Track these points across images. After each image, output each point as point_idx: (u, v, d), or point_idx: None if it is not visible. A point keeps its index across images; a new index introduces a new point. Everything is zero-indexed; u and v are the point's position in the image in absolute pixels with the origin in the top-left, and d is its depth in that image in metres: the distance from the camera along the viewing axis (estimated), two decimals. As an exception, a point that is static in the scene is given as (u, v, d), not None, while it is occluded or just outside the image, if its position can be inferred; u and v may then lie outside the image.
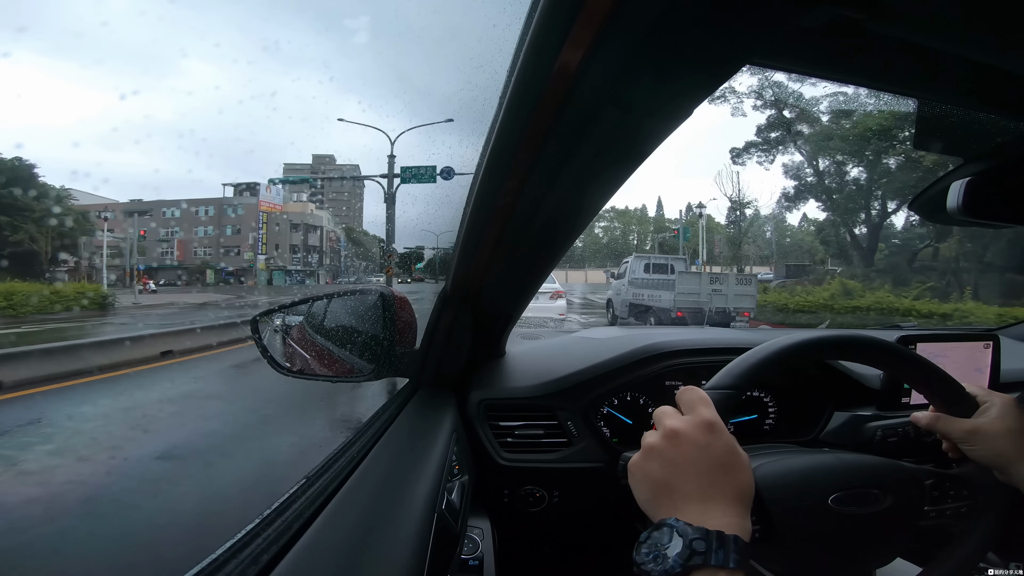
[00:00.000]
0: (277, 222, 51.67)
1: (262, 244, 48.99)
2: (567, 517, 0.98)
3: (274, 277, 47.89)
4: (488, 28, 0.48)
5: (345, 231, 68.93)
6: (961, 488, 0.61)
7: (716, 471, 0.46)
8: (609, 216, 76.23)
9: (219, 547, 0.43)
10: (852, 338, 0.63)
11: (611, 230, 78.40)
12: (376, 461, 0.64)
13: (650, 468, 0.48)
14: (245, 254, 48.71)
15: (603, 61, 0.40)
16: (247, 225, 49.68)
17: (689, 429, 0.47)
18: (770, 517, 0.54)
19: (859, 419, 0.97)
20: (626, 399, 1.01)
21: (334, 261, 57.09)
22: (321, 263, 53.33)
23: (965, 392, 0.62)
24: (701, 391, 0.51)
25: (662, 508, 0.45)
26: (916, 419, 0.64)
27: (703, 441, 0.47)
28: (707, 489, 0.45)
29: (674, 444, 0.47)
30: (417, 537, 0.49)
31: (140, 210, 48.18)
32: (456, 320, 0.92)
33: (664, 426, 0.49)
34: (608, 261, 62.47)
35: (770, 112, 20.78)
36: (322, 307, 1.34)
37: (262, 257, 48.05)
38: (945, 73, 0.47)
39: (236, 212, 50.41)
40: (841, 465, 0.60)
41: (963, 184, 0.60)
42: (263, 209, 50.13)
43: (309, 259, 51.86)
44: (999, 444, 0.57)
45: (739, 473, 0.47)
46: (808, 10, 0.36)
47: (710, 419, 0.48)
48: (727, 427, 0.49)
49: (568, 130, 0.49)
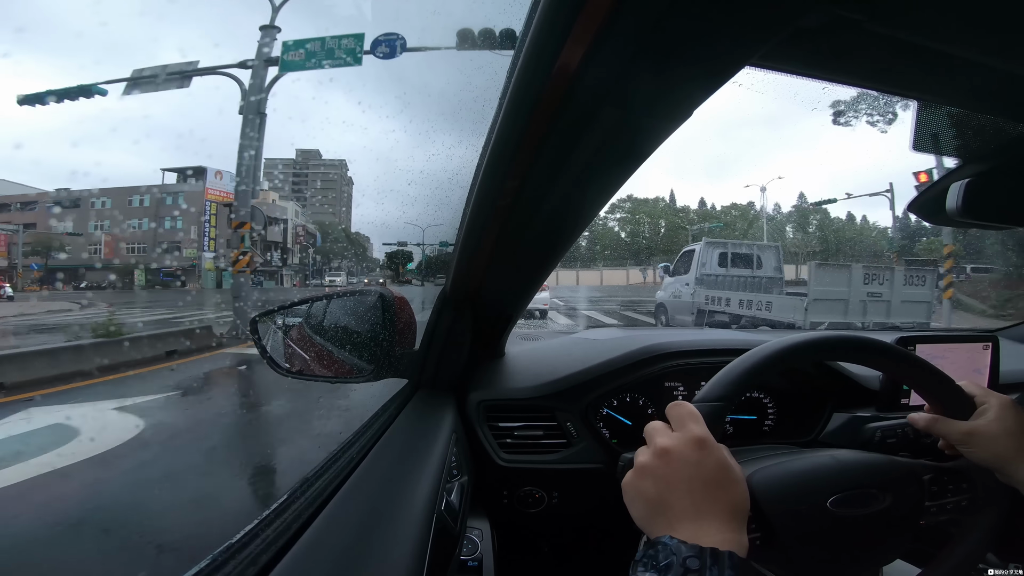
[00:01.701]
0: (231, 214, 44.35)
1: (209, 239, 40.39)
2: (566, 518, 0.98)
3: (224, 279, 36.69)
4: (488, 28, 0.48)
5: (320, 227, 61.79)
6: (960, 481, 0.61)
7: (709, 488, 0.46)
8: (627, 207, 66.90)
9: (218, 547, 0.43)
10: (848, 340, 0.62)
11: (633, 222, 67.49)
12: (375, 462, 0.64)
13: (643, 487, 0.48)
14: (185, 251, 40.36)
15: (603, 61, 0.40)
16: (191, 217, 41.07)
17: (680, 447, 0.47)
18: (770, 523, 0.54)
19: (858, 420, 0.97)
20: (625, 400, 1.01)
21: (304, 260, 49.72)
22: (285, 262, 45.45)
23: (962, 392, 0.61)
24: (690, 407, 0.51)
25: (657, 526, 0.46)
26: (914, 420, 0.64)
27: (694, 458, 0.47)
28: (701, 506, 0.45)
29: (666, 462, 0.47)
30: (416, 538, 0.49)
31: (67, 201, 40.07)
32: (456, 321, 0.92)
33: (655, 444, 0.49)
34: (629, 258, 56.67)
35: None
36: (322, 308, 1.34)
37: (209, 255, 39.67)
38: (944, 74, 0.47)
39: (177, 202, 41.80)
40: (837, 466, 0.59)
41: (962, 185, 0.60)
42: (212, 198, 40.87)
43: (270, 257, 43.22)
44: (997, 446, 0.57)
45: (732, 488, 0.47)
46: (808, 11, 0.36)
47: (700, 436, 0.48)
48: (725, 426, 0.49)
49: (567, 130, 0.49)
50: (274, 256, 44.54)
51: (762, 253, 10.02)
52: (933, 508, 0.60)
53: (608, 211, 64.35)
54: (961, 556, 0.59)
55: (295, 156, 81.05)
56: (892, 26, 0.39)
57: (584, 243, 62.62)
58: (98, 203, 41.18)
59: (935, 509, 0.60)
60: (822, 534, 0.55)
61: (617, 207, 65.56)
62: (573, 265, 49.89)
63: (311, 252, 50.71)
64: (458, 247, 0.76)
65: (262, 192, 43.38)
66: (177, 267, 39.76)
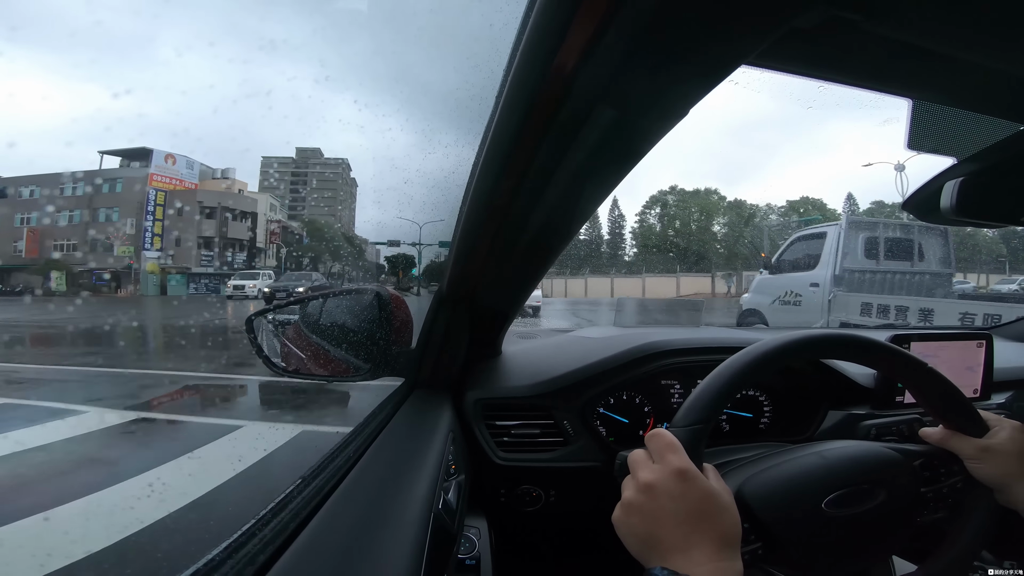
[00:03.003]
0: (181, 204, 34.73)
1: (152, 235, 33.17)
2: (564, 516, 0.98)
3: (169, 284, 32.29)
4: (485, 28, 0.48)
5: (307, 225, 53.39)
6: (951, 463, 0.62)
7: (695, 519, 0.46)
8: (670, 200, 53.56)
9: (215, 547, 0.43)
10: (850, 340, 0.62)
11: (681, 216, 52.58)
12: (372, 461, 0.64)
13: (632, 523, 0.49)
14: (117, 248, 32.97)
15: (599, 61, 0.40)
16: (132, 207, 33.61)
17: (661, 481, 0.48)
18: (768, 532, 0.54)
19: (853, 418, 0.97)
20: (622, 398, 1.01)
21: (287, 262, 40.97)
22: (252, 264, 36.16)
23: (977, 413, 0.62)
24: (669, 437, 0.51)
25: (651, 559, 0.46)
26: (927, 436, 0.65)
27: (676, 492, 0.47)
28: (690, 536, 0.46)
29: (650, 497, 0.48)
30: (414, 537, 0.49)
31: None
32: (452, 319, 0.92)
33: (638, 479, 0.50)
34: (678, 264, 42.14)
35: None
36: (318, 306, 1.33)
37: (153, 254, 32.88)
38: (939, 73, 0.47)
39: (115, 190, 34.48)
40: (826, 465, 0.59)
41: (956, 184, 0.61)
42: (159, 186, 33.85)
43: (230, 257, 35.78)
44: (1008, 464, 0.58)
45: (720, 516, 0.47)
46: (803, 10, 0.36)
47: (680, 467, 0.48)
48: (715, 435, 0.49)
49: (564, 130, 0.49)
50: (236, 256, 36.67)
51: (924, 238, 6.96)
52: (930, 493, 0.60)
53: (646, 204, 55.59)
54: (957, 552, 0.59)
55: (294, 155, 78.16)
56: (888, 26, 0.39)
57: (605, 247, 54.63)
58: (25, 192, 34.31)
59: (932, 494, 0.60)
60: (822, 536, 0.55)
61: (658, 200, 54.84)
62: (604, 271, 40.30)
63: (284, 253, 42.63)
64: (454, 246, 0.76)
65: (227, 181, 40.08)
66: (118, 268, 33.19)
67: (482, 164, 0.57)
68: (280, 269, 36.64)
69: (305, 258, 45.37)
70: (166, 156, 35.73)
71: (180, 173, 36.78)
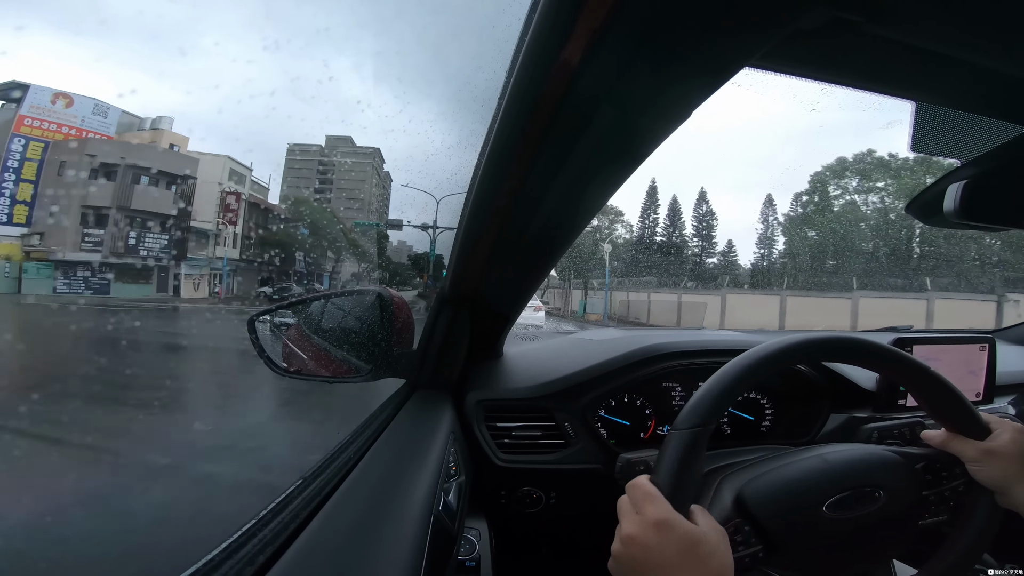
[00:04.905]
0: (65, 159, 23.09)
1: (11, 201, 22.21)
2: (564, 518, 0.98)
3: (25, 277, 21.21)
4: (488, 29, 0.48)
5: (294, 204, 39.72)
6: (953, 466, 0.61)
7: (677, 567, 0.47)
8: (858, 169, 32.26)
9: (215, 547, 0.43)
10: (851, 343, 0.62)
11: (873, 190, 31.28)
12: (373, 462, 0.64)
13: (623, 571, 0.50)
14: None
15: (602, 62, 0.40)
16: None
17: (640, 533, 0.49)
18: (769, 535, 0.54)
19: (855, 420, 0.97)
20: (623, 401, 1.01)
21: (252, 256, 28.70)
22: (184, 254, 25.12)
23: (960, 395, 0.62)
24: (647, 486, 0.52)
25: None
26: (928, 438, 0.64)
27: (654, 543, 0.48)
28: None
29: (634, 550, 0.49)
30: (414, 538, 0.49)
31: None
32: (454, 321, 0.92)
33: (621, 530, 0.51)
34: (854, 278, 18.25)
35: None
36: (320, 307, 1.33)
37: (9, 231, 21.93)
38: (943, 75, 0.47)
39: None
40: (828, 468, 0.59)
41: (960, 187, 0.61)
42: (29, 133, 22.97)
43: (142, 240, 23.64)
44: (1010, 467, 0.58)
45: (708, 560, 0.48)
46: (806, 12, 0.36)
47: (657, 519, 0.49)
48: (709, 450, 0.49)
49: (567, 131, 0.49)
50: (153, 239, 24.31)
51: None
52: (931, 497, 0.60)
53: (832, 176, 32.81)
54: (957, 555, 0.59)
55: (323, 144, 65.10)
56: (891, 28, 0.39)
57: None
58: None
59: (934, 497, 0.60)
60: (823, 540, 0.55)
61: (836, 173, 33.59)
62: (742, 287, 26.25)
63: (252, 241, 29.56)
64: (456, 247, 0.76)
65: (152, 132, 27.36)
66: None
67: (484, 165, 0.57)
68: (250, 263, 28.35)
69: (298, 252, 33.43)
70: (56, 95, 24.35)
71: (78, 119, 24.66)
